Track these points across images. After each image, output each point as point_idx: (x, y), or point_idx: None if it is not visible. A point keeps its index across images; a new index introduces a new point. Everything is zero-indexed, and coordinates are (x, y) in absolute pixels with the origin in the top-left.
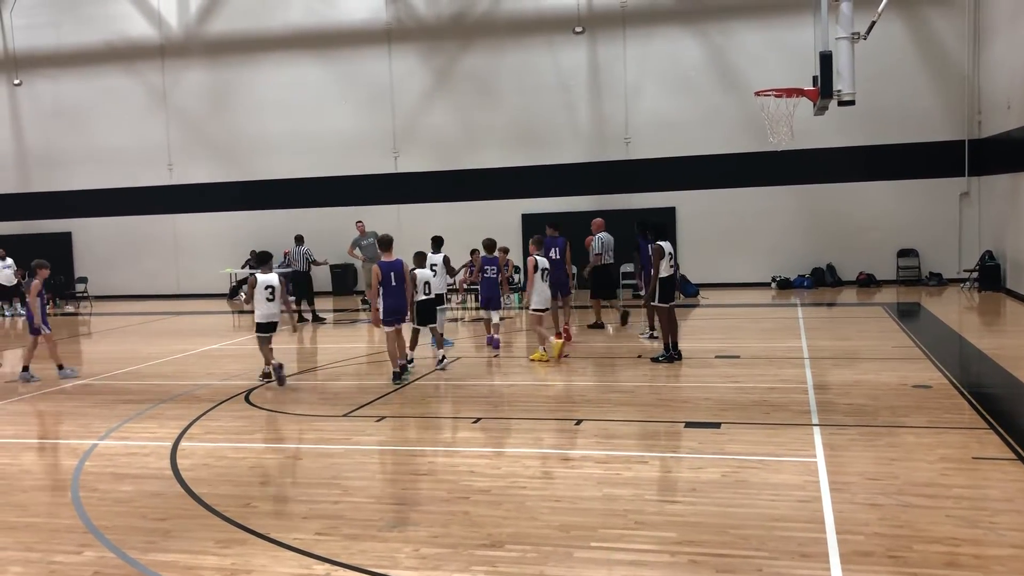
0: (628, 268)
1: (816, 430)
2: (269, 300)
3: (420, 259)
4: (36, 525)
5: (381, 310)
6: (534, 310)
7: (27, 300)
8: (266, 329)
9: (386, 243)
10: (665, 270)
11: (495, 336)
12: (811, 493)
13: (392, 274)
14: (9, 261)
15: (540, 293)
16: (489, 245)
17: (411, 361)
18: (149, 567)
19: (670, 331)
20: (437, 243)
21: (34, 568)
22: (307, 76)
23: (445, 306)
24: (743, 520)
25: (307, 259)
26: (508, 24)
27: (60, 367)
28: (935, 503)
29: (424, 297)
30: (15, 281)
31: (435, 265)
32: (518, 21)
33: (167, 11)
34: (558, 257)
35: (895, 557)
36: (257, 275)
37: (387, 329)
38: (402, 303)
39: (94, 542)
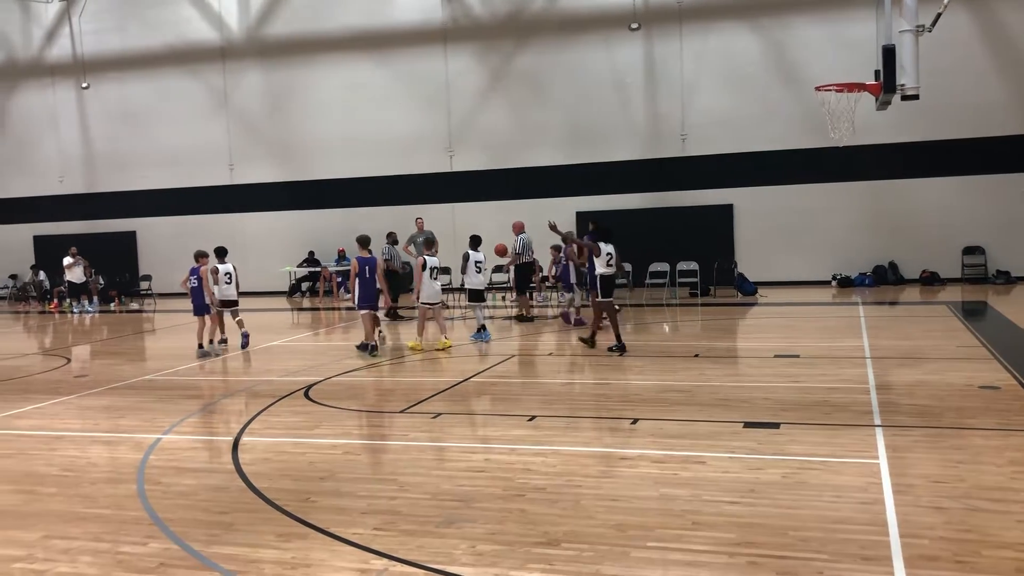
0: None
1: (879, 431)
2: (227, 284)
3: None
4: (104, 516)
5: (357, 297)
6: (422, 303)
7: (183, 285)
8: (226, 306)
9: (364, 241)
10: (603, 267)
11: (572, 315)
12: (873, 495)
13: (367, 268)
14: (80, 259)
15: (428, 288)
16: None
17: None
18: (212, 559)
19: (612, 324)
20: (476, 241)
21: (103, 558)
22: (364, 76)
23: (484, 303)
24: (803, 522)
25: (385, 258)
26: (563, 22)
27: (212, 342)
28: (1004, 507)
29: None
30: (85, 279)
31: (480, 262)
32: (573, 19)
33: (228, 14)
34: None
35: (962, 562)
36: (218, 265)
37: (362, 312)
38: (373, 292)
39: (159, 534)
